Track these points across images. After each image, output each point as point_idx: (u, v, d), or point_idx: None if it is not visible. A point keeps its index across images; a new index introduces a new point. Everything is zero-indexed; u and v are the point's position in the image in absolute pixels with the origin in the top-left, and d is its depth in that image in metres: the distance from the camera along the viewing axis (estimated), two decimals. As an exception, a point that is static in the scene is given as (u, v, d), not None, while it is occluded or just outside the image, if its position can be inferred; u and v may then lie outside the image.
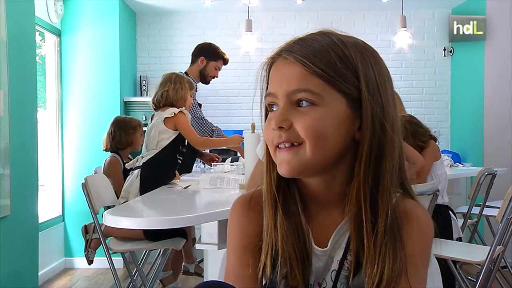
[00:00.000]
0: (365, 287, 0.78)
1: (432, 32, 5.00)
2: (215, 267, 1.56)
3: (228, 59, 3.75)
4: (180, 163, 2.96)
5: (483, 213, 3.38)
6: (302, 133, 0.77)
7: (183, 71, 3.56)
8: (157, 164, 2.79)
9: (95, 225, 2.62)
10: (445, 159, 4.06)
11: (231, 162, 3.31)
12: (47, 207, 4.19)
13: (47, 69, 4.35)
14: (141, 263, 3.12)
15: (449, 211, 3.03)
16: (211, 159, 3.52)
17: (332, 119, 0.77)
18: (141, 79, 4.88)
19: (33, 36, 3.27)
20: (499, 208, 2.54)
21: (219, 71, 3.75)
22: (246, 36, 4.47)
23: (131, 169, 2.88)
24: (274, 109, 0.81)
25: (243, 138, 2.87)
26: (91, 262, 2.75)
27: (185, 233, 2.72)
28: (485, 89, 4.38)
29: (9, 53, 2.75)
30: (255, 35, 4.54)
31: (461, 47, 4.78)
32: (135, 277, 2.88)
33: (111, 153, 3.46)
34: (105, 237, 2.60)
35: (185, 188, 2.51)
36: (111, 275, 2.79)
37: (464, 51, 4.77)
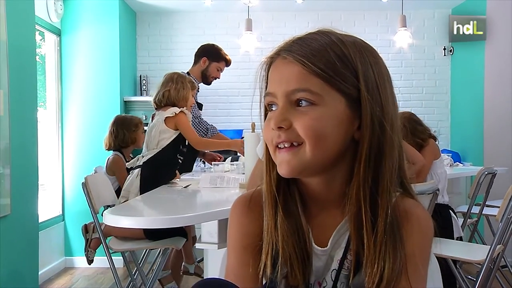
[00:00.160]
0: (365, 286, 0.78)
1: (432, 31, 4.99)
2: (215, 266, 1.56)
3: (230, 61, 3.75)
4: (180, 163, 2.96)
5: (483, 213, 3.39)
6: (301, 133, 0.77)
7: (185, 71, 3.56)
8: (158, 163, 2.79)
9: (95, 224, 2.62)
10: (445, 158, 4.06)
11: (231, 161, 3.30)
12: (47, 207, 4.19)
13: (47, 69, 4.35)
14: (141, 262, 3.12)
15: (449, 210, 3.04)
16: (213, 159, 3.51)
17: (331, 119, 0.77)
18: (141, 79, 4.88)
19: (33, 35, 3.28)
20: (499, 207, 2.54)
21: (221, 72, 3.75)
22: (246, 35, 4.47)
23: (132, 168, 2.89)
24: (273, 109, 0.81)
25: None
26: (91, 262, 2.75)
27: (185, 232, 2.72)
28: (485, 88, 4.38)
29: (9, 53, 2.75)
30: (255, 34, 4.54)
31: (461, 47, 4.77)
32: (135, 277, 2.89)
33: (113, 151, 3.47)
34: (105, 237, 2.60)
35: (185, 187, 2.51)
36: (111, 275, 2.79)
37: (464, 50, 4.77)
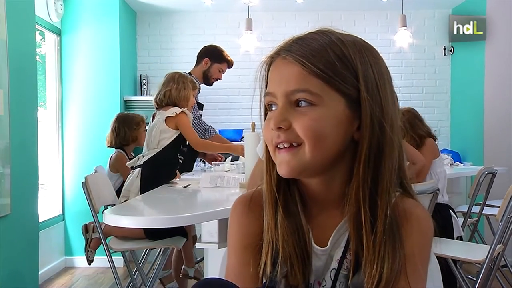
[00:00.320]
0: (364, 286, 0.78)
1: (432, 31, 4.99)
2: (215, 266, 1.57)
3: (232, 62, 3.75)
4: (181, 163, 2.96)
5: (483, 212, 3.39)
6: (301, 133, 0.77)
7: (187, 71, 3.56)
8: (158, 163, 2.79)
9: (95, 224, 2.62)
10: (445, 158, 4.06)
11: (231, 161, 3.30)
12: (47, 206, 4.19)
13: (47, 68, 4.35)
14: (141, 262, 3.13)
15: (449, 210, 3.04)
16: (214, 159, 3.51)
17: (331, 120, 0.77)
18: (141, 79, 4.88)
19: (33, 35, 3.28)
20: (499, 207, 2.54)
21: (222, 73, 3.75)
22: (246, 35, 4.47)
23: (132, 168, 2.89)
24: (273, 109, 0.81)
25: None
26: (91, 262, 2.75)
27: (185, 232, 2.72)
28: (485, 88, 4.38)
29: (9, 52, 2.75)
30: (255, 34, 4.54)
31: (461, 46, 4.77)
32: (135, 276, 2.89)
33: (115, 149, 3.48)
34: (105, 236, 2.60)
35: (185, 187, 2.51)
36: (111, 274, 2.80)
37: (464, 50, 4.77)
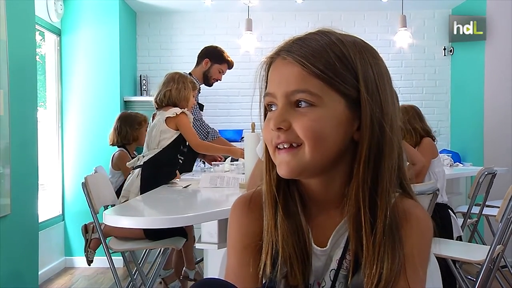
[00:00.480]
0: (364, 287, 0.78)
1: (432, 31, 4.99)
2: (215, 266, 1.56)
3: (233, 63, 3.75)
4: (181, 163, 2.95)
5: (483, 213, 3.39)
6: (301, 134, 0.77)
7: (187, 72, 3.56)
8: (158, 163, 2.79)
9: (95, 224, 2.62)
10: (445, 158, 4.06)
11: (231, 161, 3.30)
12: (47, 207, 4.19)
13: (47, 69, 4.35)
14: (141, 262, 3.12)
15: (449, 210, 3.03)
16: (214, 159, 3.51)
17: (330, 120, 0.77)
18: (141, 79, 4.88)
19: (33, 35, 3.28)
20: (499, 207, 2.54)
21: (223, 74, 3.75)
22: (246, 35, 4.47)
23: (132, 168, 2.88)
24: (273, 109, 0.81)
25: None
26: (91, 262, 2.75)
27: (185, 232, 2.72)
28: (485, 88, 4.38)
29: (9, 53, 2.75)
30: (255, 34, 4.54)
31: (461, 47, 4.77)
32: (135, 277, 2.88)
33: (118, 147, 3.50)
34: (105, 237, 2.60)
35: (185, 187, 2.51)
36: (111, 275, 2.79)
37: (464, 51, 4.77)
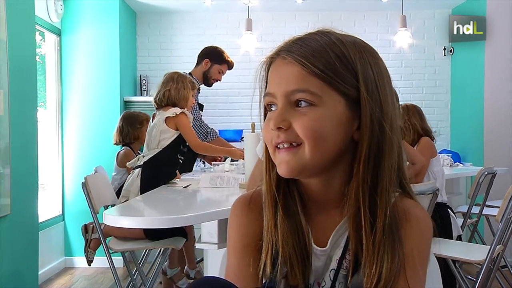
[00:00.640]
0: (363, 286, 0.78)
1: (432, 31, 4.99)
2: (215, 266, 1.57)
3: (233, 64, 3.74)
4: (181, 163, 2.95)
5: (483, 213, 3.39)
6: (301, 133, 0.77)
7: (187, 72, 3.56)
8: (158, 163, 2.79)
9: (94, 224, 2.62)
10: (445, 158, 4.07)
11: (231, 161, 3.30)
12: (47, 207, 4.19)
13: (47, 69, 4.35)
14: (141, 262, 3.12)
15: (448, 209, 3.03)
16: (214, 159, 3.51)
17: (330, 120, 0.77)
18: (141, 79, 4.88)
19: (33, 35, 3.27)
20: (499, 207, 2.54)
21: (222, 75, 3.75)
22: (246, 35, 4.47)
23: (132, 168, 2.88)
24: (273, 109, 0.81)
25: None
26: (91, 262, 2.75)
27: (185, 232, 2.72)
28: (485, 88, 4.38)
29: (9, 53, 2.75)
30: (255, 34, 4.54)
31: (461, 47, 4.77)
32: (135, 277, 2.88)
33: (122, 146, 3.52)
34: (105, 237, 2.60)
35: (185, 187, 2.51)
36: (111, 275, 2.79)
37: (464, 51, 4.77)
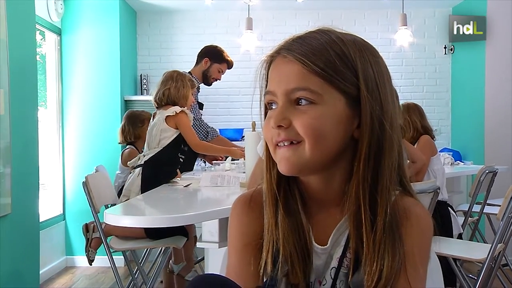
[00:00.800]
0: (364, 284, 0.78)
1: (432, 30, 4.99)
2: (216, 265, 1.56)
3: (232, 63, 3.74)
4: (181, 162, 2.95)
5: (484, 211, 3.38)
6: (301, 131, 0.77)
7: (187, 71, 3.56)
8: (159, 162, 2.78)
9: (95, 224, 2.62)
10: (445, 157, 4.06)
11: (232, 160, 3.30)
12: (48, 206, 4.19)
13: (48, 68, 4.35)
14: (142, 261, 3.12)
15: (448, 208, 3.03)
16: (215, 158, 3.51)
17: (331, 118, 0.77)
18: (141, 78, 4.88)
19: (34, 35, 3.28)
20: (500, 206, 2.54)
21: (222, 74, 3.75)
22: (246, 34, 4.46)
23: (133, 168, 2.88)
24: (273, 107, 0.81)
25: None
26: (92, 261, 2.75)
27: (186, 231, 2.72)
28: (486, 87, 4.38)
29: (10, 52, 2.75)
30: (256, 33, 4.53)
31: (462, 46, 4.77)
32: (136, 276, 2.89)
33: (126, 145, 3.54)
34: (106, 236, 2.60)
35: (185, 186, 2.51)
36: (112, 274, 2.80)
37: (464, 49, 4.76)
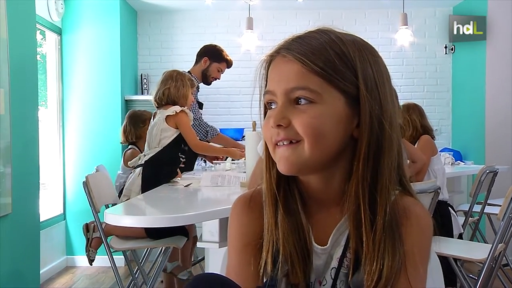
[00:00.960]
0: (364, 284, 0.78)
1: (433, 29, 4.99)
2: (216, 265, 1.56)
3: (232, 62, 3.73)
4: (182, 161, 2.95)
5: (485, 211, 3.38)
6: (300, 131, 0.77)
7: (187, 70, 3.56)
8: (159, 162, 2.78)
9: (96, 223, 2.62)
10: (446, 157, 4.06)
11: (232, 160, 3.30)
12: (48, 206, 4.20)
13: (48, 68, 4.35)
14: (142, 261, 3.12)
15: (449, 208, 3.03)
16: (215, 158, 3.50)
17: (330, 117, 0.77)
18: (142, 78, 4.88)
19: (34, 34, 3.28)
20: (501, 206, 2.53)
21: (221, 73, 3.74)
22: (247, 34, 4.47)
23: (133, 167, 2.88)
24: (272, 107, 0.81)
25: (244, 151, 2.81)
26: (92, 261, 2.75)
27: (186, 231, 2.72)
28: (486, 86, 4.37)
29: (10, 52, 2.75)
30: (256, 33, 4.54)
31: (462, 46, 4.77)
32: (136, 276, 2.89)
33: (129, 145, 3.53)
34: (106, 236, 2.60)
35: (186, 186, 2.51)
36: (112, 274, 2.80)
37: (465, 49, 4.76)
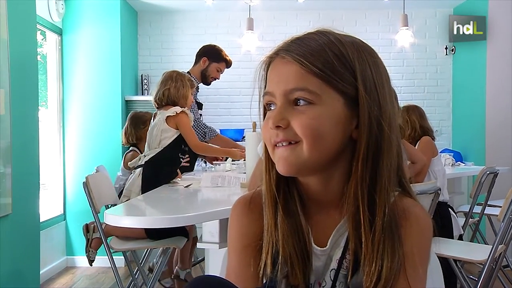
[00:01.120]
0: (363, 285, 0.78)
1: (433, 30, 4.99)
2: (216, 266, 1.56)
3: (231, 62, 3.73)
4: (182, 162, 2.95)
5: (485, 212, 3.37)
6: (299, 132, 0.77)
7: (186, 71, 3.56)
8: (159, 163, 2.79)
9: (96, 224, 2.62)
10: (446, 158, 4.06)
11: (232, 161, 3.30)
12: (48, 206, 4.20)
13: (49, 68, 4.36)
14: (142, 262, 3.12)
15: (449, 209, 3.03)
16: (215, 158, 3.50)
17: (329, 118, 0.77)
18: (142, 78, 4.88)
19: (34, 35, 3.28)
20: (501, 207, 2.53)
21: (221, 73, 3.74)
22: (247, 35, 4.47)
23: (134, 168, 2.88)
24: (272, 108, 0.81)
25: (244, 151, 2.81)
26: (92, 262, 2.75)
27: (186, 232, 2.72)
28: (487, 87, 4.37)
29: (11, 52, 2.75)
30: (256, 34, 4.54)
31: (462, 47, 4.77)
32: (136, 276, 2.89)
33: (130, 147, 3.53)
34: (106, 236, 2.60)
35: (186, 187, 2.51)
36: (112, 274, 2.80)
37: (465, 50, 4.76)
